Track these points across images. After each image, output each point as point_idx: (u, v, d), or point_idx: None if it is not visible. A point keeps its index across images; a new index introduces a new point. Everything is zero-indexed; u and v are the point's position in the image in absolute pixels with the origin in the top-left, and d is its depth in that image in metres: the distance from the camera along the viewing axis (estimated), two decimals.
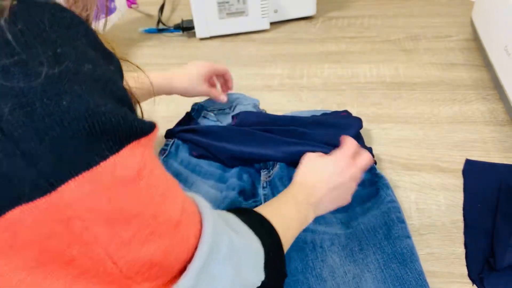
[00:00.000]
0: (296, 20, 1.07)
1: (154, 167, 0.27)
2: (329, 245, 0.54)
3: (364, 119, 0.71)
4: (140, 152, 0.25)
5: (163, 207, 0.27)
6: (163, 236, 0.27)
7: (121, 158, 0.23)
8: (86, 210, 0.23)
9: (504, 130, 0.70)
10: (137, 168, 0.24)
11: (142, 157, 0.25)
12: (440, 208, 0.59)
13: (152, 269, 0.27)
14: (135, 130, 0.24)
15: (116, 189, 0.24)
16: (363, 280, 0.50)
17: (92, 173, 0.22)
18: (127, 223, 0.24)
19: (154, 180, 0.26)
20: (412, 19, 1.03)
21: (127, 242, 0.25)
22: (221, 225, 0.33)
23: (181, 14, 1.11)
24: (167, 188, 0.28)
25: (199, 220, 0.32)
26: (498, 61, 0.75)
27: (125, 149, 0.24)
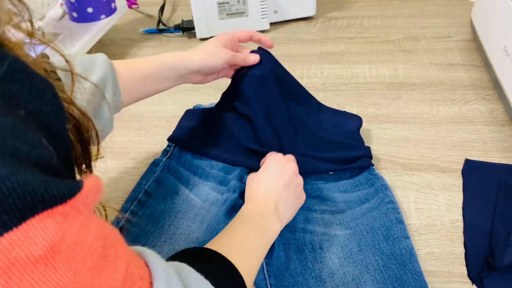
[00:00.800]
0: (295, 21, 1.07)
1: (82, 237, 0.22)
2: (328, 246, 0.54)
3: (363, 119, 0.71)
4: (55, 223, 0.20)
5: (95, 282, 0.23)
6: None
7: (22, 235, 0.19)
8: None
9: (503, 130, 0.70)
10: (49, 243, 0.20)
11: (58, 229, 0.21)
12: (440, 208, 0.59)
13: None
14: (43, 198, 0.20)
15: (19, 273, 0.19)
16: (362, 281, 0.50)
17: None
18: None
19: (80, 252, 0.22)
20: (411, 20, 1.03)
21: None
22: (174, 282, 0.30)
23: (181, 15, 1.12)
24: (104, 255, 0.24)
25: (148, 281, 0.28)
26: (497, 61, 0.76)
27: (29, 222, 0.19)
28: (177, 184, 0.63)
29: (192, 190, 0.63)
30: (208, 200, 0.61)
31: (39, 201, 0.20)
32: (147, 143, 0.73)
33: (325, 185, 0.62)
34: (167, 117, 0.77)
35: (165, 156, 0.67)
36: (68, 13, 0.95)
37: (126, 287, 0.25)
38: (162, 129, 0.75)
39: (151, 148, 0.72)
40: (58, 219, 0.21)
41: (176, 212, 0.60)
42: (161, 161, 0.66)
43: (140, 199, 0.60)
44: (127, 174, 0.68)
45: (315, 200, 0.61)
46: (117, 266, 0.25)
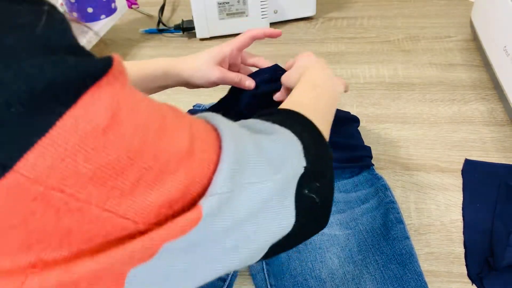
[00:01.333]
0: (295, 21, 1.07)
1: (136, 102, 0.23)
2: (328, 246, 0.54)
3: (363, 119, 0.71)
4: (107, 93, 0.21)
5: (164, 142, 0.24)
6: (175, 170, 0.24)
7: (81, 110, 0.20)
8: (61, 179, 0.20)
9: (503, 130, 0.70)
10: (109, 112, 0.21)
11: (112, 98, 0.21)
12: (439, 208, 0.59)
13: (174, 206, 0.24)
14: (87, 74, 0.21)
15: (91, 144, 0.20)
16: (362, 281, 0.50)
17: (51, 137, 0.19)
18: (120, 175, 0.21)
19: (141, 116, 0.23)
20: (411, 20, 1.03)
21: (129, 191, 0.22)
22: (241, 132, 0.30)
23: (182, 15, 1.12)
24: (163, 118, 0.25)
25: (216, 137, 0.28)
26: (497, 61, 0.76)
27: (84, 97, 0.20)
28: None
29: None
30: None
31: (85, 77, 0.21)
32: None
33: None
34: None
35: None
36: (68, 13, 0.95)
37: (197, 140, 0.26)
38: None
39: None
40: (107, 90, 0.21)
41: None
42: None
43: None
44: None
45: None
46: (181, 126, 0.26)
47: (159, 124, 0.24)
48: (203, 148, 0.26)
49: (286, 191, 0.31)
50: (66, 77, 0.20)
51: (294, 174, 0.32)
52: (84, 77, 0.21)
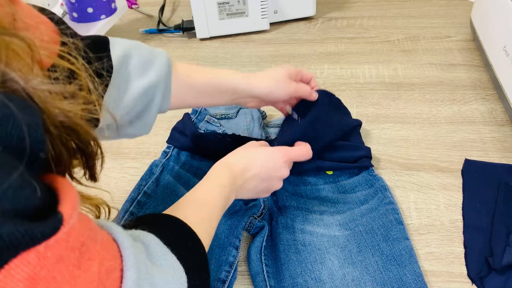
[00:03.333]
0: (295, 21, 1.07)
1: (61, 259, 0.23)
2: (327, 247, 0.54)
3: (363, 119, 0.71)
4: (35, 257, 0.22)
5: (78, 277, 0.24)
6: None
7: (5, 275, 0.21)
8: None
9: (503, 130, 0.70)
10: (30, 274, 0.22)
11: (38, 261, 0.22)
12: (439, 207, 0.59)
13: None
14: (25, 242, 0.21)
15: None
16: (362, 282, 0.50)
17: None
18: None
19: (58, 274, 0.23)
20: (411, 20, 1.03)
21: None
22: (143, 267, 0.31)
23: (182, 15, 1.12)
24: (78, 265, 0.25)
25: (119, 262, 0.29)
26: (497, 62, 0.76)
27: (11, 263, 0.21)
28: (176, 186, 0.63)
29: None
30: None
31: (20, 244, 0.21)
32: (147, 143, 0.73)
33: (324, 186, 0.62)
34: (167, 117, 0.77)
35: (164, 157, 0.67)
36: (69, 13, 0.95)
37: (101, 283, 0.26)
38: (162, 129, 0.75)
39: (151, 148, 0.72)
40: (38, 254, 0.22)
41: None
42: (161, 162, 0.66)
43: (140, 200, 0.60)
44: (127, 174, 0.68)
45: (314, 201, 0.61)
46: (90, 269, 0.26)
47: (72, 274, 0.24)
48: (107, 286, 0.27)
49: None
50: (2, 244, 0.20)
51: None
52: (16, 244, 0.21)
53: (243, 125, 0.72)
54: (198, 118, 0.74)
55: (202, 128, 0.72)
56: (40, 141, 0.24)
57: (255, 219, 0.58)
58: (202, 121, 0.74)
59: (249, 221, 0.57)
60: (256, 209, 0.59)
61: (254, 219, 0.58)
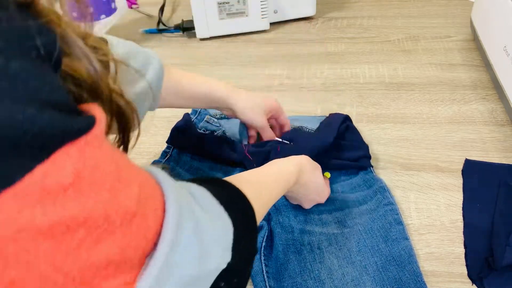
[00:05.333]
0: (295, 21, 1.07)
1: (98, 161, 0.24)
2: (326, 245, 0.54)
3: (363, 119, 0.71)
4: (76, 152, 0.22)
5: (114, 202, 0.24)
6: (117, 232, 0.24)
7: (51, 165, 0.21)
8: (16, 230, 0.20)
9: (503, 130, 0.70)
10: (74, 170, 0.22)
11: (80, 156, 0.22)
12: (440, 208, 0.59)
13: (109, 267, 0.24)
14: (66, 133, 0.22)
15: (52, 199, 0.21)
16: (361, 282, 0.50)
17: (16, 189, 0.20)
18: (72, 232, 0.22)
19: (99, 175, 0.23)
20: (411, 20, 1.03)
21: (75, 248, 0.22)
22: (186, 206, 0.30)
23: (182, 15, 1.12)
24: (118, 177, 0.25)
25: (160, 201, 0.29)
26: (497, 61, 0.76)
27: (56, 154, 0.21)
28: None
29: None
30: None
31: (64, 135, 0.22)
32: (147, 143, 0.73)
33: None
34: (167, 117, 0.77)
35: (164, 157, 0.67)
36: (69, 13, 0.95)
37: (141, 206, 0.26)
38: (162, 129, 0.75)
39: (151, 148, 0.72)
40: (78, 148, 0.22)
41: None
42: (160, 162, 0.66)
43: None
44: None
45: None
46: (131, 187, 0.26)
47: (112, 182, 0.24)
48: (146, 215, 0.27)
49: (203, 281, 0.32)
50: (43, 133, 0.20)
51: (216, 267, 0.33)
52: (60, 135, 0.21)
53: (242, 125, 0.72)
54: (198, 118, 0.74)
55: (202, 128, 0.72)
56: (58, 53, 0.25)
57: None
58: (202, 121, 0.74)
59: None
60: None
61: None
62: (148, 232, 0.27)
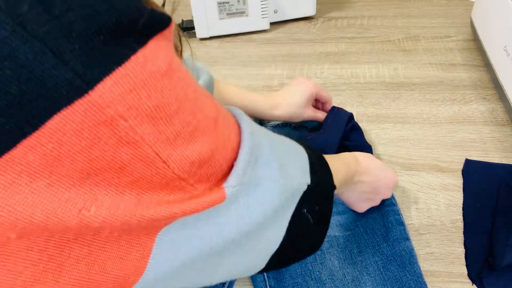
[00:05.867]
0: (296, 21, 1.07)
1: (180, 64, 0.26)
2: (327, 247, 0.54)
3: (363, 119, 0.71)
4: (165, 44, 0.24)
5: (199, 103, 0.26)
6: (205, 133, 0.26)
7: (149, 51, 0.23)
8: (127, 108, 0.22)
9: (503, 130, 0.70)
10: (167, 60, 0.23)
11: (168, 49, 0.24)
12: (440, 208, 0.59)
13: (202, 167, 0.26)
14: (158, 22, 0.23)
15: (153, 84, 0.23)
16: (362, 282, 0.50)
17: (126, 68, 0.21)
18: (169, 120, 0.24)
19: (184, 74, 0.25)
20: (411, 20, 1.03)
21: (172, 139, 0.24)
22: (259, 129, 0.33)
23: (181, 14, 1.12)
24: (196, 85, 0.27)
25: (236, 121, 0.31)
26: (497, 61, 0.75)
27: (152, 41, 0.23)
28: None
29: None
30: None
31: (156, 24, 0.23)
32: None
33: None
34: None
35: None
36: None
37: (221, 114, 0.29)
38: None
39: None
40: (165, 42, 0.24)
41: None
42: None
43: None
44: None
45: None
46: (208, 96, 0.28)
47: (195, 86, 0.26)
48: (226, 124, 0.29)
49: (288, 202, 0.32)
50: (146, 19, 0.22)
51: (297, 187, 0.33)
52: (155, 24, 0.23)
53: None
54: None
55: None
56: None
57: None
58: None
59: None
60: None
61: None
62: (231, 140, 0.29)
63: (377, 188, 0.53)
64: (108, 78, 0.21)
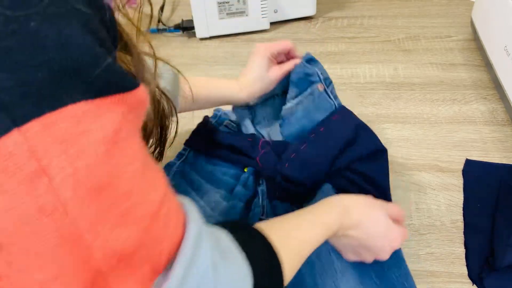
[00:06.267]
0: (296, 20, 1.07)
1: (133, 138, 0.23)
2: None
3: (363, 119, 0.71)
4: (121, 111, 0.21)
5: (139, 187, 0.23)
6: (137, 223, 0.23)
7: (93, 109, 0.20)
8: (52, 162, 0.19)
9: (504, 130, 0.70)
10: (113, 128, 0.20)
11: (122, 117, 0.21)
12: (440, 208, 0.59)
13: (121, 261, 0.23)
14: (117, 81, 0.21)
15: (86, 146, 0.20)
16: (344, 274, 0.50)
17: (58, 115, 0.19)
18: (96, 193, 0.20)
19: (130, 151, 0.22)
20: (411, 19, 1.03)
21: (98, 216, 0.21)
22: (206, 242, 0.28)
23: (181, 14, 1.11)
24: (146, 168, 0.24)
25: (183, 224, 0.27)
26: (498, 61, 0.75)
27: (101, 100, 0.20)
28: (187, 190, 0.62)
29: (203, 197, 0.61)
30: (217, 209, 0.60)
31: (115, 83, 0.21)
32: None
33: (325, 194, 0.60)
34: None
35: (179, 159, 0.66)
36: None
37: (165, 209, 0.25)
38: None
39: None
40: (124, 108, 0.21)
41: None
42: (175, 164, 0.64)
43: None
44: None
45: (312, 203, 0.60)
46: (158, 184, 0.25)
47: (141, 168, 0.23)
48: (166, 223, 0.25)
49: None
50: (102, 71, 0.20)
51: None
52: (114, 82, 0.21)
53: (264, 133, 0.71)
54: (218, 122, 0.72)
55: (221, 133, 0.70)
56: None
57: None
58: (221, 125, 0.71)
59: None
60: (257, 209, 0.58)
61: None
62: (163, 244, 0.25)
63: (369, 247, 0.45)
64: (37, 121, 0.18)
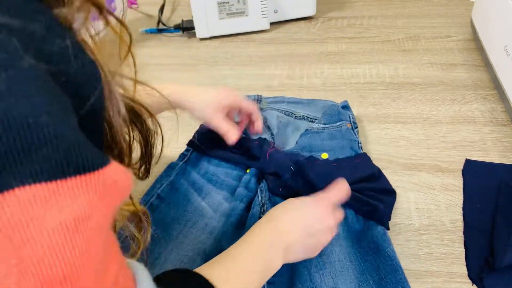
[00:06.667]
0: (296, 20, 1.07)
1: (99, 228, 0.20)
2: None
3: (363, 119, 0.71)
4: (87, 195, 0.19)
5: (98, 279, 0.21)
6: None
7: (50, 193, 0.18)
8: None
9: (503, 130, 0.70)
10: (75, 214, 0.19)
11: (88, 203, 0.19)
12: (440, 208, 0.59)
13: None
14: (78, 160, 0.19)
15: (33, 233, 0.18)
16: None
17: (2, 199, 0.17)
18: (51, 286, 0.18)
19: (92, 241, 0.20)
20: (411, 20, 1.03)
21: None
22: None
23: (181, 14, 1.12)
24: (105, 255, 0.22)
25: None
26: (497, 61, 0.75)
27: (63, 182, 0.18)
28: (190, 191, 0.62)
29: (205, 198, 0.61)
30: (219, 210, 0.60)
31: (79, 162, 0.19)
32: None
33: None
34: (166, 117, 0.77)
35: (181, 160, 0.66)
36: None
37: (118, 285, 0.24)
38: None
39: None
40: (90, 192, 0.19)
41: (186, 220, 0.58)
42: (177, 165, 0.64)
43: (152, 203, 0.59)
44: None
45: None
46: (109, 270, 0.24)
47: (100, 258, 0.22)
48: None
49: None
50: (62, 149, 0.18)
51: None
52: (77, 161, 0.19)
53: (266, 135, 0.71)
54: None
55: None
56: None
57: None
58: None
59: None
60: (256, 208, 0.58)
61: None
62: None
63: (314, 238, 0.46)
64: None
